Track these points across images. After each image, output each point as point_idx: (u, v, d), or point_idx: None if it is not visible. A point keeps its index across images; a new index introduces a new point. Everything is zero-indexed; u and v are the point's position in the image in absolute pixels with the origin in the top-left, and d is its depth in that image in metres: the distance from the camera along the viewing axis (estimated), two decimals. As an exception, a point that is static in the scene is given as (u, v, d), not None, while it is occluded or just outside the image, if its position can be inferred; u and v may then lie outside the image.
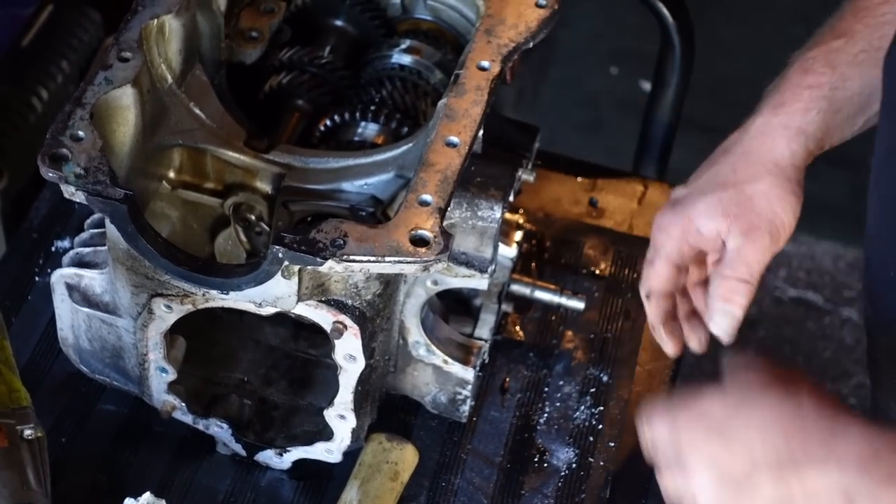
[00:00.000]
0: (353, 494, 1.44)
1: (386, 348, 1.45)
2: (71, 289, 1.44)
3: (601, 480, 1.52)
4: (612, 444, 1.55)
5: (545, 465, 1.53)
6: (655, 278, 1.39)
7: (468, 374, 1.50)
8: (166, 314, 1.38)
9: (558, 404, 1.58)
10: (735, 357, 1.20)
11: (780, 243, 1.36)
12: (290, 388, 1.53)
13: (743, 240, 1.34)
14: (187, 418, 1.48)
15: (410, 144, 1.40)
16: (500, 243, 1.45)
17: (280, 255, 1.27)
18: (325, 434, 1.46)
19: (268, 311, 1.35)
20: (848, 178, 2.41)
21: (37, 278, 1.63)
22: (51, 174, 1.29)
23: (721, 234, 1.35)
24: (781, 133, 1.35)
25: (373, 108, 1.49)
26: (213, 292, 1.34)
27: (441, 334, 1.50)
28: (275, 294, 1.32)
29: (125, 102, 1.35)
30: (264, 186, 1.43)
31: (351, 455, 1.49)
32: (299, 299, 1.33)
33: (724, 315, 1.35)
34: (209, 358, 1.52)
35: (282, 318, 1.46)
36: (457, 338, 1.52)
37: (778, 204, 1.35)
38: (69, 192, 1.29)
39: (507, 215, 1.50)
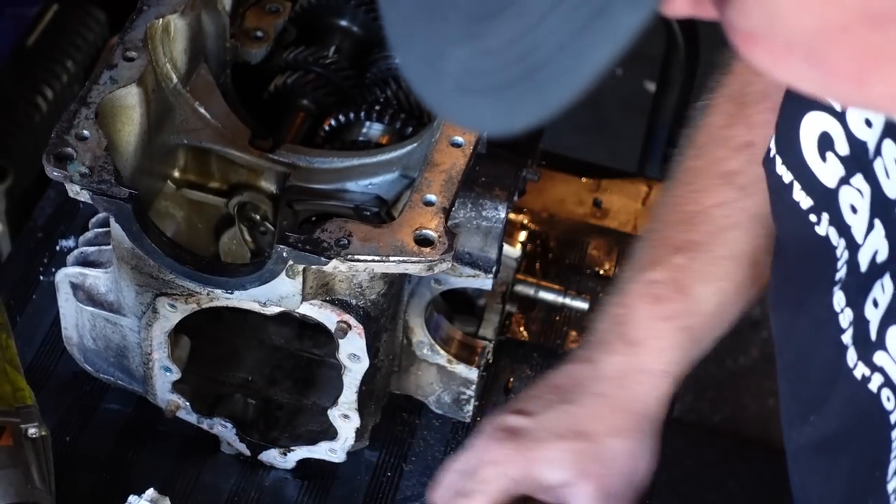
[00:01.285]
0: None
1: (390, 348, 1.45)
2: (75, 288, 1.44)
3: (605, 481, 1.52)
4: (616, 445, 1.54)
5: (549, 465, 1.53)
6: None
7: (472, 373, 1.50)
8: (171, 313, 1.38)
9: (562, 404, 1.57)
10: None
11: (633, 500, 1.22)
12: (295, 387, 1.53)
13: None
14: (191, 417, 1.48)
15: (415, 144, 1.40)
16: (504, 243, 1.45)
17: (284, 254, 1.27)
18: (329, 434, 1.46)
19: (272, 310, 1.35)
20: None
21: (41, 277, 1.63)
22: (56, 173, 1.29)
23: (569, 492, 1.19)
24: (644, 379, 1.21)
25: (377, 107, 1.49)
26: (218, 291, 1.34)
27: (445, 334, 1.50)
28: (279, 293, 1.32)
29: (130, 102, 1.35)
30: (269, 186, 1.43)
31: (354, 455, 1.49)
32: (304, 299, 1.33)
33: None
34: (213, 357, 1.52)
35: (286, 318, 1.46)
36: (461, 338, 1.52)
37: (641, 461, 1.21)
38: (74, 191, 1.29)
39: (512, 215, 1.50)
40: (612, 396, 1.21)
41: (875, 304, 1.04)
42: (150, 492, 1.35)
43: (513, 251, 1.54)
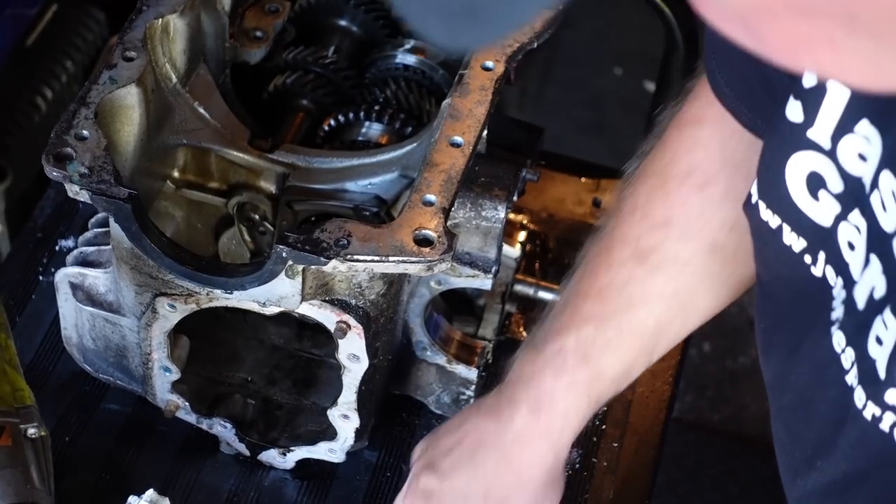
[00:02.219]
0: None
1: (389, 348, 1.45)
2: (75, 288, 1.44)
3: (605, 481, 1.52)
4: (616, 445, 1.55)
5: (548, 465, 1.53)
6: None
7: (472, 374, 1.50)
8: (170, 313, 1.38)
9: (562, 404, 1.57)
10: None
11: None
12: (294, 387, 1.53)
13: None
14: (191, 418, 1.48)
15: (414, 144, 1.40)
16: (503, 243, 1.45)
17: (284, 254, 1.27)
18: (329, 434, 1.46)
19: (272, 310, 1.35)
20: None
21: (41, 277, 1.63)
22: (55, 173, 1.29)
23: None
24: (544, 441, 1.30)
25: (377, 107, 1.49)
26: (217, 292, 1.34)
27: (445, 334, 1.50)
28: (279, 293, 1.32)
29: (130, 102, 1.35)
30: (268, 186, 1.43)
31: (354, 455, 1.49)
32: (303, 299, 1.33)
33: None
34: (213, 357, 1.52)
35: (285, 318, 1.46)
36: (460, 338, 1.52)
37: None
38: (73, 191, 1.29)
39: (511, 216, 1.50)
40: (515, 459, 1.30)
41: (879, 341, 1.03)
42: (150, 492, 1.35)
43: (512, 251, 1.54)
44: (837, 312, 1.08)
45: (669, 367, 1.61)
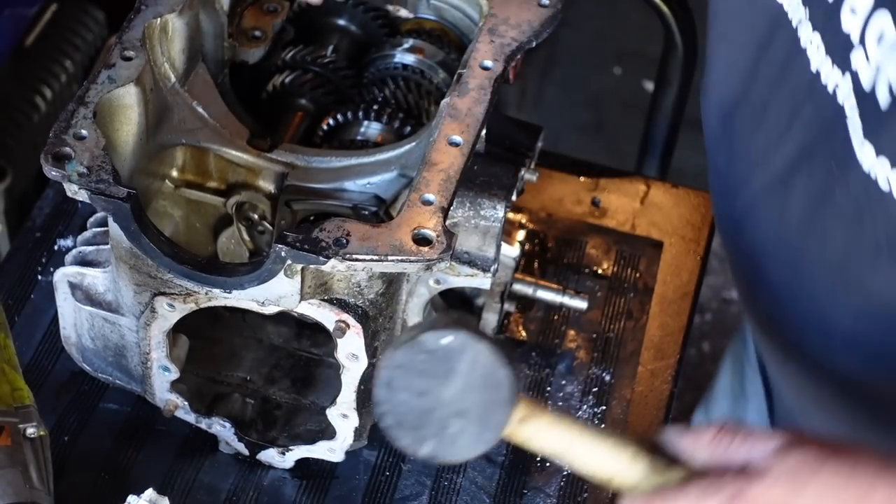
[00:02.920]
0: None
1: (389, 347, 1.45)
2: (74, 287, 1.44)
3: (603, 480, 1.52)
4: (615, 444, 1.54)
5: (548, 464, 1.53)
6: None
7: (471, 373, 1.50)
8: (169, 313, 1.38)
9: (561, 404, 1.58)
10: (778, 434, 0.99)
11: None
12: (293, 387, 1.53)
13: None
14: (190, 417, 1.48)
15: (413, 144, 1.40)
16: (502, 243, 1.45)
17: (283, 253, 1.27)
18: (328, 433, 1.46)
19: (270, 309, 1.35)
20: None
21: (40, 277, 1.63)
22: (54, 173, 1.29)
23: None
24: None
25: (375, 107, 1.49)
26: (216, 291, 1.34)
27: (444, 334, 1.50)
28: (277, 293, 1.32)
29: (128, 101, 1.35)
30: (267, 185, 1.43)
31: (353, 454, 1.49)
32: (302, 298, 1.33)
33: None
34: (212, 357, 1.52)
35: (284, 317, 1.46)
36: (459, 337, 1.52)
37: None
38: (72, 190, 1.29)
39: (510, 215, 1.50)
40: None
41: (853, 11, 1.06)
42: (150, 492, 1.35)
43: (511, 250, 1.55)
44: (799, 14, 1.12)
45: (669, 367, 1.62)
